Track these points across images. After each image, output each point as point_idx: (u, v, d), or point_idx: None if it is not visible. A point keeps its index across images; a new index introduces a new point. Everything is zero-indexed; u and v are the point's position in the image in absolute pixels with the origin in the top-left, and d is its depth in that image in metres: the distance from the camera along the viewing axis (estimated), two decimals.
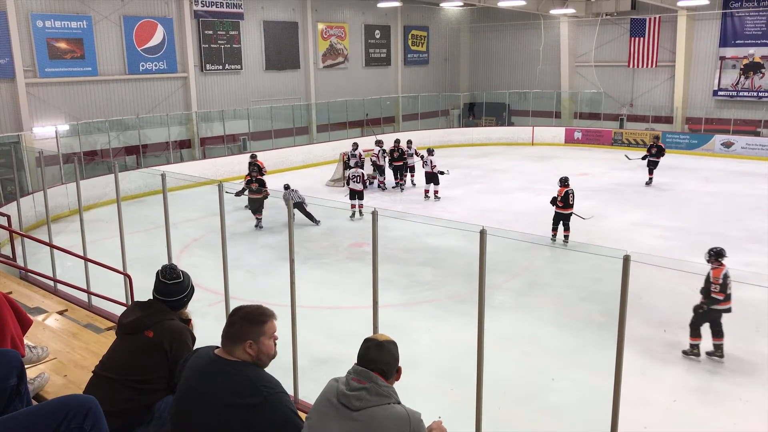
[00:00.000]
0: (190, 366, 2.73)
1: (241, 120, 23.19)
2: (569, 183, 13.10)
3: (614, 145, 26.73)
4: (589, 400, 7.08)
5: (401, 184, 19.09)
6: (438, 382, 7.67)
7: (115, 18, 20.02)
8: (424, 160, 17.71)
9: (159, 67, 21.26)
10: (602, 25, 28.40)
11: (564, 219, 13.07)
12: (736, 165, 22.45)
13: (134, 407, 3.18)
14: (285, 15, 25.17)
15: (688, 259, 12.03)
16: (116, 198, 7.29)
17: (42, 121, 18.43)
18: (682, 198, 17.53)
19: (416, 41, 30.97)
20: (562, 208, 13.02)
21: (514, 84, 31.02)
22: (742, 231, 14.05)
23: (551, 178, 20.10)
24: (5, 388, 2.54)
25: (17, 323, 3.55)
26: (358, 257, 12.45)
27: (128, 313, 3.44)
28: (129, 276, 7.39)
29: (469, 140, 27.97)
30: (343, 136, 25.33)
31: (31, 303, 5.91)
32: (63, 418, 2.11)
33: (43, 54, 18.40)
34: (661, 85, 27.53)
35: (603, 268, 8.59)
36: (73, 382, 3.81)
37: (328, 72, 27.10)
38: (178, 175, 14.78)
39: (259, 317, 2.66)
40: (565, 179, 13.13)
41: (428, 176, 17.66)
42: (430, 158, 17.55)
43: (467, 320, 6.78)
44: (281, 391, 2.61)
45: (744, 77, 25.47)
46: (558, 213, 13.12)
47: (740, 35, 25.29)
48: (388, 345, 2.61)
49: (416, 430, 2.46)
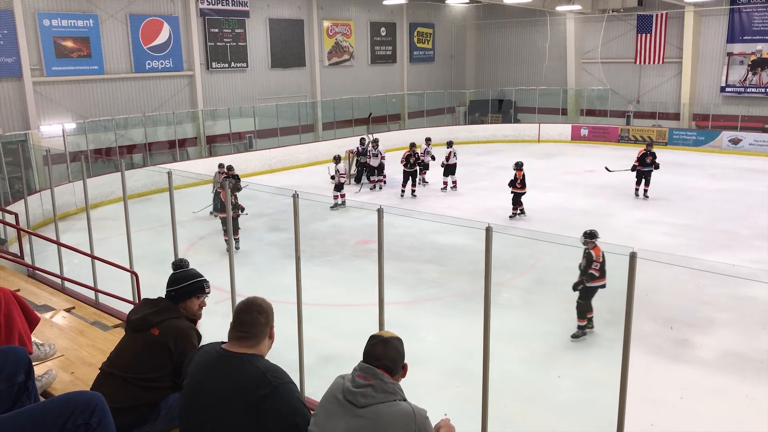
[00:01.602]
0: (197, 362, 2.74)
1: (247, 118, 23.22)
2: (523, 167, 15.07)
3: (621, 142, 26.64)
4: (595, 398, 7.06)
5: (414, 191, 17.89)
6: (444, 379, 7.67)
7: (122, 16, 20.07)
8: (449, 152, 18.16)
9: (165, 65, 21.31)
10: (609, 22, 28.27)
11: (519, 198, 15.14)
12: (744, 162, 22.33)
13: (141, 404, 3.20)
14: (291, 13, 25.18)
15: (695, 256, 12.01)
16: (123, 196, 7.31)
17: (49, 120, 18.51)
18: (689, 195, 17.44)
19: (422, 38, 30.92)
20: (520, 189, 14.98)
21: (520, 81, 30.93)
22: (750, 228, 13.98)
23: (558, 175, 20.14)
24: (13, 385, 2.55)
25: (25, 321, 3.57)
26: (364, 255, 12.45)
27: (137, 309, 3.46)
28: (136, 274, 7.41)
29: (474, 137, 27.92)
30: (348, 133, 25.31)
31: (38, 300, 5.93)
32: (70, 414, 2.12)
33: (49, 53, 18.47)
34: (668, 81, 27.40)
35: (610, 265, 8.57)
36: (80, 379, 3.83)
37: (333, 69, 27.10)
38: (184, 173, 14.82)
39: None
40: (520, 163, 15.08)
41: (447, 168, 18.23)
42: (450, 150, 18.11)
43: (473, 318, 6.76)
44: (289, 381, 2.63)
45: (752, 73, 25.31)
46: (516, 193, 15.09)
47: (748, 31, 25.14)
48: (393, 342, 2.61)
49: (422, 427, 2.45)
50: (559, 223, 14.24)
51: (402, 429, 2.41)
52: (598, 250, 8.56)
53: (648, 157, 16.70)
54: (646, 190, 16.94)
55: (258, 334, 2.69)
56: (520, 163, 15.17)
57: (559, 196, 17.43)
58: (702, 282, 10.48)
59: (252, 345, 2.67)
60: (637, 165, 16.85)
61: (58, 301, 6.15)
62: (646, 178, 16.87)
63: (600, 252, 8.54)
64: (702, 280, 10.50)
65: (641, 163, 16.80)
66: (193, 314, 3.50)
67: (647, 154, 16.75)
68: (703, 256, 12.03)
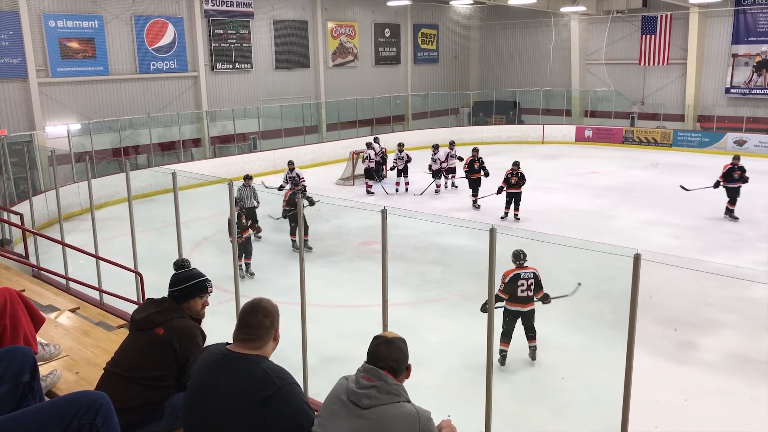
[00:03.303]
0: (202, 362, 2.75)
1: (251, 119, 23.25)
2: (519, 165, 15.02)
3: (625, 144, 26.59)
4: (599, 400, 7.05)
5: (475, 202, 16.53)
6: (447, 380, 7.66)
7: (126, 17, 20.13)
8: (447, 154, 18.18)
9: (169, 66, 21.36)
10: (613, 23, 28.23)
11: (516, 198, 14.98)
12: (749, 163, 22.00)
13: (145, 404, 3.21)
14: (295, 14, 25.21)
15: (700, 257, 11.97)
16: (127, 197, 7.33)
17: (54, 121, 18.57)
18: (694, 196, 17.38)
19: (426, 39, 30.92)
20: (514, 187, 14.80)
21: (525, 82, 30.90)
22: (754, 229, 13.94)
23: (562, 176, 20.10)
24: (18, 385, 2.56)
25: (30, 321, 3.58)
26: (367, 255, 12.44)
27: (141, 309, 3.47)
28: (140, 274, 7.43)
29: (478, 138, 27.88)
30: (352, 134, 25.34)
31: (43, 301, 5.95)
32: (74, 414, 2.13)
33: (55, 54, 18.54)
34: (672, 82, 27.34)
35: (614, 267, 8.51)
36: (85, 379, 3.84)
37: (337, 71, 27.12)
38: (188, 173, 14.87)
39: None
40: (518, 162, 15.06)
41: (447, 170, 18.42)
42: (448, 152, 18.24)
43: (477, 319, 6.77)
44: (294, 383, 2.63)
45: (757, 75, 25.24)
46: (510, 192, 14.93)
47: (753, 32, 25.07)
48: (397, 342, 2.62)
49: (426, 429, 2.46)
50: (562, 224, 14.22)
51: (406, 430, 2.41)
52: (509, 271, 7.93)
53: (736, 172, 14.65)
54: (732, 210, 14.79)
55: (263, 336, 2.69)
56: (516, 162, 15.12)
57: (563, 197, 17.40)
58: (706, 284, 10.44)
59: (256, 347, 2.67)
60: (722, 181, 14.80)
61: (62, 302, 6.17)
62: (734, 196, 14.75)
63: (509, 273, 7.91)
64: (706, 281, 10.47)
65: (727, 179, 14.73)
66: (196, 314, 3.51)
67: (734, 168, 14.66)
68: (708, 257, 12.00)
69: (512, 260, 7.96)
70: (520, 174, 14.82)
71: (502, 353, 7.96)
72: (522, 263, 7.98)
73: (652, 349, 8.30)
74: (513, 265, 7.97)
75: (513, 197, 14.94)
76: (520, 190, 14.88)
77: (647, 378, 7.33)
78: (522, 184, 14.88)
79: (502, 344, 7.95)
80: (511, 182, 14.78)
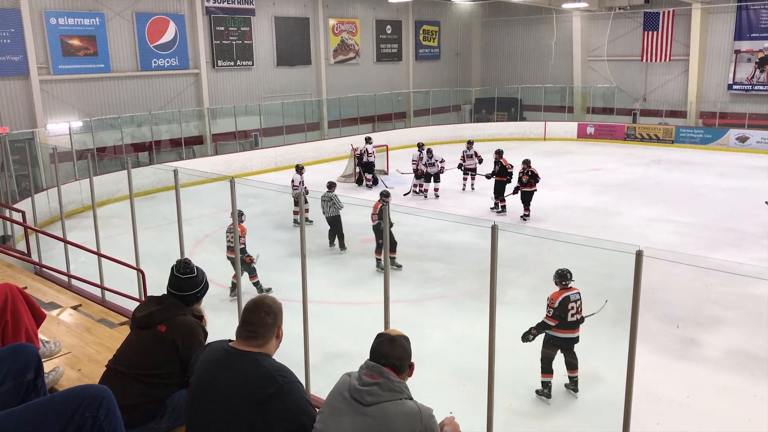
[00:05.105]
0: (204, 359, 2.74)
1: (252, 116, 23.25)
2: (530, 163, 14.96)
3: (627, 140, 26.55)
4: (601, 397, 7.05)
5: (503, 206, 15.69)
6: (450, 378, 7.66)
7: (128, 15, 20.12)
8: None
9: (171, 63, 21.36)
10: (615, 19, 28.16)
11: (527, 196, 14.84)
12: (751, 160, 22.21)
13: (147, 401, 3.20)
14: (296, 11, 25.18)
15: (703, 254, 11.96)
16: (129, 194, 7.33)
17: (55, 118, 18.59)
18: (697, 193, 17.37)
19: (428, 36, 30.88)
20: (525, 186, 14.67)
21: (526, 79, 30.86)
22: (757, 226, 13.90)
23: (564, 173, 20.07)
24: (22, 383, 2.56)
25: (32, 317, 3.57)
26: (370, 253, 12.43)
27: (142, 307, 3.46)
28: (142, 271, 7.43)
29: (480, 135, 27.84)
30: (354, 131, 25.32)
31: (45, 298, 5.95)
32: (77, 407, 2.12)
33: (56, 51, 18.54)
34: (674, 79, 27.27)
35: (616, 264, 8.49)
36: (87, 377, 3.84)
37: (339, 68, 27.10)
38: (190, 171, 14.87)
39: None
40: (528, 160, 14.97)
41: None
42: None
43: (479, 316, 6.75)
44: (296, 381, 2.63)
45: (759, 71, 25.18)
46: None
47: (755, 28, 25.00)
48: (400, 340, 2.61)
49: (428, 426, 2.45)
50: (565, 221, 14.21)
51: (408, 428, 2.41)
52: (557, 294, 7.21)
53: None
54: None
55: (265, 334, 2.69)
56: (527, 160, 14.93)
57: (566, 194, 17.37)
58: (709, 280, 10.43)
59: (259, 345, 2.67)
60: None
61: (64, 299, 6.16)
62: None
63: (557, 296, 7.17)
64: (709, 278, 10.46)
65: None
66: (198, 312, 3.52)
67: None
68: (711, 254, 11.98)
69: (556, 281, 7.25)
70: (531, 172, 14.63)
71: (547, 385, 7.24)
72: (568, 284, 7.21)
73: (655, 346, 8.30)
74: (557, 287, 7.21)
75: (524, 196, 14.75)
76: (532, 188, 14.70)
77: (649, 375, 7.34)
78: (534, 183, 14.67)
79: (544, 375, 7.24)
80: (522, 181, 14.66)
